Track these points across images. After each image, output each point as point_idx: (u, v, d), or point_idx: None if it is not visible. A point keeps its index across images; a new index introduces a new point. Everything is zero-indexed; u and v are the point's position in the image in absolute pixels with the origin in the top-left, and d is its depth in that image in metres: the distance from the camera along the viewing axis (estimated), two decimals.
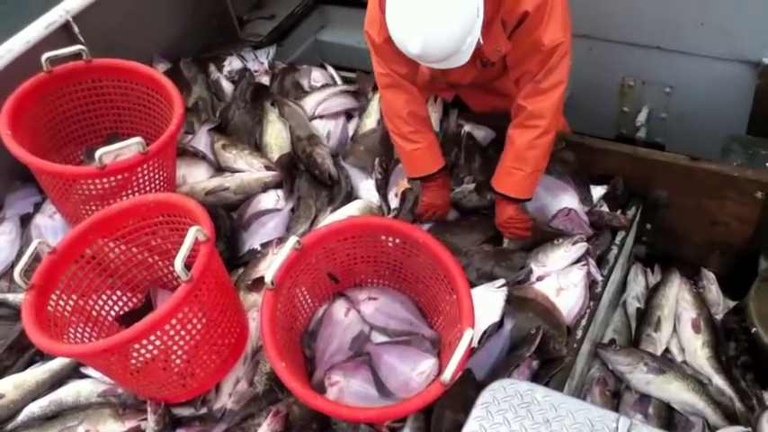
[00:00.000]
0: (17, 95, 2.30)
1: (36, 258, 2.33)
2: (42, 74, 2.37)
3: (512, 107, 2.15)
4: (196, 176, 2.69)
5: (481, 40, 1.83)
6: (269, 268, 1.80)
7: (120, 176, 2.23)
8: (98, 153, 2.09)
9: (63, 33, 2.64)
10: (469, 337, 1.66)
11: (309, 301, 2.11)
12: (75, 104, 2.54)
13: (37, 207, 2.60)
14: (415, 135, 2.24)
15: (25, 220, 2.57)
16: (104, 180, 2.22)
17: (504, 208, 2.25)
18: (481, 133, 2.69)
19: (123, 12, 2.86)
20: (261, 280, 2.27)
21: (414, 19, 1.71)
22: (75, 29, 2.64)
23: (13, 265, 2.44)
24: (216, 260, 1.91)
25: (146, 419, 1.99)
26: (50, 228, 2.50)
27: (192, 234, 1.75)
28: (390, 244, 2.08)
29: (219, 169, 2.74)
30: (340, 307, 2.13)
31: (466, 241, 2.39)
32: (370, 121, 2.80)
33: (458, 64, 1.80)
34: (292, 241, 1.84)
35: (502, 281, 2.18)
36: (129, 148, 2.16)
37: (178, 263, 1.68)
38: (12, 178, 2.70)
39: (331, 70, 3.14)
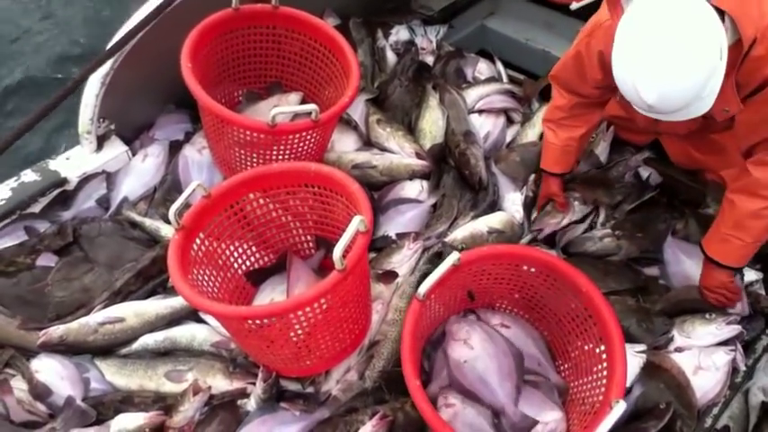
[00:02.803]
0: (202, 28, 2.27)
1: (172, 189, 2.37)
2: (229, 10, 2.33)
3: (729, 171, 2.01)
4: (345, 145, 2.63)
5: None
6: (426, 281, 1.73)
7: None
8: (273, 111, 2.05)
9: None
10: (621, 411, 1.54)
11: (441, 310, 2.03)
12: (249, 46, 2.50)
13: (187, 136, 2.61)
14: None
15: (173, 147, 2.58)
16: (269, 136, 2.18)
17: (712, 272, 2.09)
18: (645, 173, 2.52)
19: None
20: (391, 273, 2.22)
21: (648, 63, 1.54)
22: None
23: (155, 189, 2.46)
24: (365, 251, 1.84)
25: (254, 384, 1.98)
26: (197, 162, 2.49)
27: (354, 224, 1.68)
28: (531, 271, 1.97)
29: (368, 143, 2.68)
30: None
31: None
32: (533, 133, 2.66)
33: (696, 114, 1.61)
34: (453, 258, 1.75)
35: (642, 346, 2.04)
36: (303, 111, 2.11)
37: (338, 251, 1.62)
38: (166, 101, 2.71)
39: (499, 66, 3.00)
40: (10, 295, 2.17)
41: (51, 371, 2.01)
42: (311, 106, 2.10)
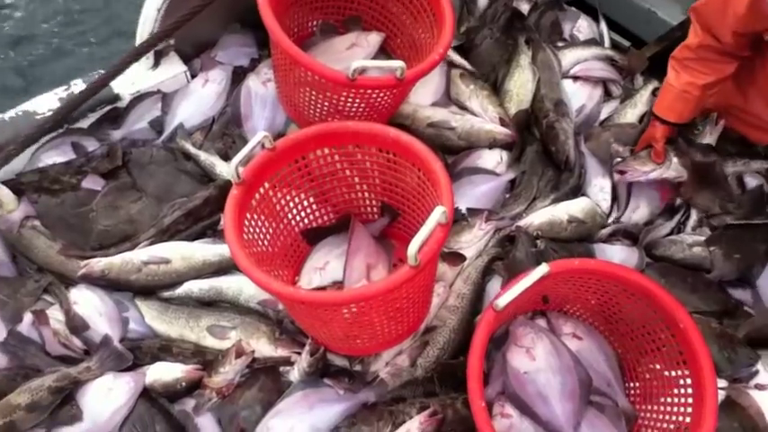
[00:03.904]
0: None
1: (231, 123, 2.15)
2: None
3: None
4: (421, 96, 2.37)
5: None
6: (508, 293, 1.55)
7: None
8: (355, 64, 1.81)
9: None
10: None
11: (510, 310, 1.84)
12: None
13: (252, 63, 2.38)
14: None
15: (236, 73, 2.35)
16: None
17: None
18: (753, 182, 2.25)
19: None
20: (458, 255, 2.04)
21: None
22: None
23: (213, 120, 2.27)
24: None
25: (299, 353, 1.86)
26: (260, 96, 2.27)
27: (435, 217, 1.48)
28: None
29: (446, 95, 2.42)
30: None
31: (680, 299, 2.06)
32: (633, 113, 2.38)
33: None
34: (542, 271, 1.56)
35: (723, 382, 1.86)
36: (388, 68, 1.86)
37: (414, 247, 1.43)
38: (231, 18, 2.46)
39: (603, 26, 2.67)
40: (53, 215, 2.04)
41: (90, 305, 1.91)
42: (398, 63, 1.85)
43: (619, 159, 2.24)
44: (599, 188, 2.25)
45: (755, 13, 1.74)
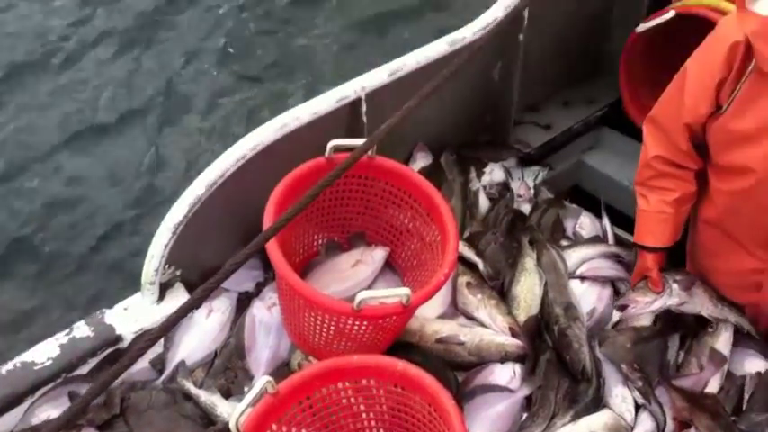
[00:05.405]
0: (294, 177, 2.09)
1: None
2: (322, 159, 2.12)
3: None
4: (428, 307, 2.30)
5: None
6: None
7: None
8: (360, 296, 1.79)
9: (350, 109, 2.43)
10: None
11: None
12: (338, 195, 2.29)
13: (258, 287, 2.37)
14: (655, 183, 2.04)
15: (240, 300, 2.33)
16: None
17: None
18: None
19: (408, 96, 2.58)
20: None
21: None
22: (364, 107, 2.41)
23: (215, 355, 2.21)
24: None
25: None
26: (264, 324, 2.22)
27: None
28: None
29: (453, 305, 2.37)
30: None
31: None
32: (648, 318, 2.29)
33: None
34: None
35: None
36: (394, 296, 1.85)
37: None
38: (238, 244, 2.46)
39: (606, 223, 2.67)
40: None
41: None
42: (404, 291, 1.84)
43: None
44: (621, 398, 2.11)
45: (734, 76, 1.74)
